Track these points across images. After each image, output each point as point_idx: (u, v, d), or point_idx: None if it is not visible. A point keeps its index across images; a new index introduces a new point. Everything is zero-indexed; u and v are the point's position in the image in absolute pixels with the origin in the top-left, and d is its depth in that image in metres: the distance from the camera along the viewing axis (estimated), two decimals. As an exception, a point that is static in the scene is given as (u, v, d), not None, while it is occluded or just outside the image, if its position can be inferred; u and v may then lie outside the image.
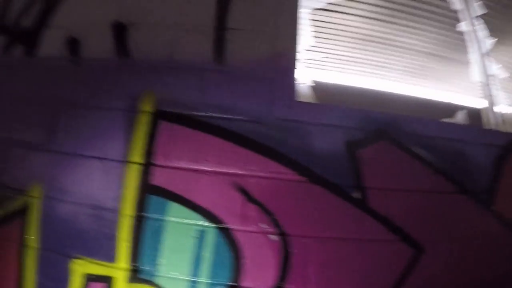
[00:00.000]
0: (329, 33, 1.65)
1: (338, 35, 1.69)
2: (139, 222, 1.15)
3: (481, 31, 1.73)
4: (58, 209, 1.25)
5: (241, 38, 1.30)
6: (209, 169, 1.16)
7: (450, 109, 1.90)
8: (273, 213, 1.15)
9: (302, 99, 1.28)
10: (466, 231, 1.31)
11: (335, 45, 1.67)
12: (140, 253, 1.15)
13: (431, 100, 1.89)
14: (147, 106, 1.23)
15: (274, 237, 1.13)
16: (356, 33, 1.76)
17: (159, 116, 1.23)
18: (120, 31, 1.36)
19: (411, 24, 1.89)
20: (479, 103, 1.68)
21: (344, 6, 1.66)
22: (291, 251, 1.15)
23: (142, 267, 1.15)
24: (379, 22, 1.85)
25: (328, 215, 1.19)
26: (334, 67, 1.63)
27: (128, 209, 1.17)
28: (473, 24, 1.73)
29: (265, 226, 1.14)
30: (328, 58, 1.63)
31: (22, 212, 1.28)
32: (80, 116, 1.30)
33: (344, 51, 1.68)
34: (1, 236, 1.32)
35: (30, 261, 1.25)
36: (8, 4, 1.60)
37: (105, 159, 1.22)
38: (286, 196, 1.17)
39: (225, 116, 1.21)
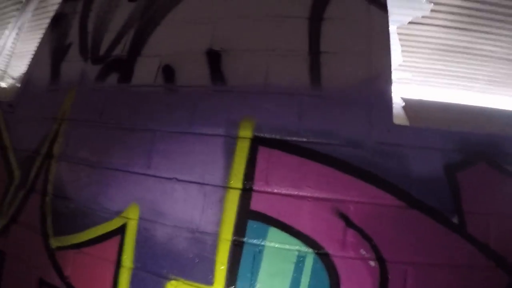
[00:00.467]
0: (412, 46, 1.65)
1: (421, 47, 1.70)
2: (238, 246, 1.18)
3: None
4: (155, 231, 1.30)
5: (336, 61, 1.32)
6: (309, 195, 1.17)
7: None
8: (372, 238, 1.14)
9: (397, 121, 1.28)
10: None
11: (419, 58, 1.67)
12: (237, 277, 1.17)
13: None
14: (246, 132, 1.28)
15: (372, 263, 1.13)
16: (439, 44, 1.74)
17: (258, 141, 1.27)
18: (214, 58, 1.42)
19: (494, 31, 1.85)
20: None
21: (427, 17, 1.65)
22: (388, 277, 1.13)
23: (239, 291, 1.16)
24: (460, 31, 1.82)
25: (427, 241, 1.17)
26: (419, 81, 1.63)
27: (227, 234, 1.20)
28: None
29: (364, 252, 1.13)
30: (413, 73, 1.63)
31: (119, 232, 1.36)
32: (177, 141, 1.36)
33: (427, 63, 1.67)
34: (97, 254, 1.39)
35: (124, 280, 1.32)
36: (101, 36, 1.74)
37: (204, 184, 1.27)
38: (385, 221, 1.16)
39: (324, 141, 1.23)
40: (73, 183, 1.52)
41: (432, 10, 1.64)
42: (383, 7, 1.40)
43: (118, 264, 1.34)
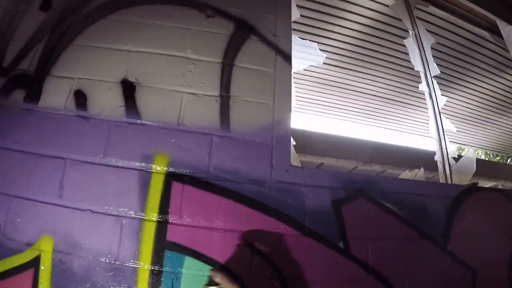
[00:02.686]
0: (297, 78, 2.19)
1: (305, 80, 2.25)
2: (157, 275, 1.50)
3: (437, 90, 2.33)
4: (72, 263, 1.49)
5: (243, 106, 1.77)
6: (220, 227, 1.59)
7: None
8: (275, 262, 1.57)
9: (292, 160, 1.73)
10: (426, 268, 1.83)
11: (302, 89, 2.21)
12: (158, 302, 1.49)
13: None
14: (161, 167, 1.63)
15: (276, 282, 1.56)
16: (320, 78, 2.36)
17: (171, 176, 1.63)
18: (128, 89, 1.74)
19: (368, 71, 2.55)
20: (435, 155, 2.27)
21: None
22: None
23: (160, 316, 1.50)
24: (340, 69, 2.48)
25: (319, 262, 1.67)
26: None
27: (145, 263, 1.51)
28: (429, 85, 2.32)
29: (268, 274, 1.55)
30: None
31: (32, 265, 1.49)
32: (90, 172, 1.60)
33: (308, 95, 2.24)
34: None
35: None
36: (5, 44, 1.82)
37: (120, 216, 1.55)
38: (285, 247, 1.64)
39: (231, 178, 1.65)
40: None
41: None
42: (288, 59, 1.87)
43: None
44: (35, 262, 1.50)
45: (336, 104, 2.65)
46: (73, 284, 1.49)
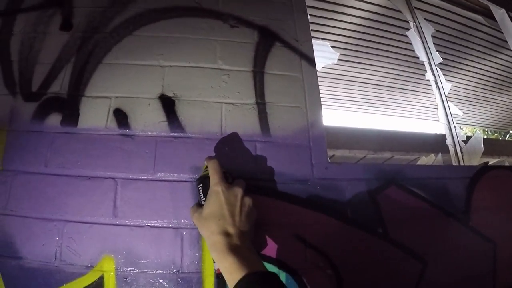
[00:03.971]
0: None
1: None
2: (221, 278, 1.67)
3: (441, 77, 2.64)
4: (137, 279, 1.64)
5: (279, 112, 1.97)
6: (273, 226, 1.77)
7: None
8: (325, 252, 1.81)
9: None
10: (454, 242, 2.13)
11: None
12: (225, 304, 1.69)
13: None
14: None
15: (329, 271, 1.80)
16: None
17: None
18: (168, 104, 1.90)
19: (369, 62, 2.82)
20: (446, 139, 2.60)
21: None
22: (342, 278, 1.83)
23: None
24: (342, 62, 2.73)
25: (363, 247, 1.92)
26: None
27: (210, 270, 1.69)
28: (434, 73, 2.63)
29: (321, 264, 1.80)
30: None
31: (97, 287, 1.62)
32: (143, 188, 1.75)
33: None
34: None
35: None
36: (30, 68, 1.91)
37: (180, 228, 1.73)
38: (331, 237, 1.87)
39: (278, 180, 1.85)
40: (25, 239, 1.63)
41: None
42: (312, 62, 2.11)
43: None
44: (99, 283, 1.64)
45: (340, 96, 2.92)
46: (141, 300, 1.67)
